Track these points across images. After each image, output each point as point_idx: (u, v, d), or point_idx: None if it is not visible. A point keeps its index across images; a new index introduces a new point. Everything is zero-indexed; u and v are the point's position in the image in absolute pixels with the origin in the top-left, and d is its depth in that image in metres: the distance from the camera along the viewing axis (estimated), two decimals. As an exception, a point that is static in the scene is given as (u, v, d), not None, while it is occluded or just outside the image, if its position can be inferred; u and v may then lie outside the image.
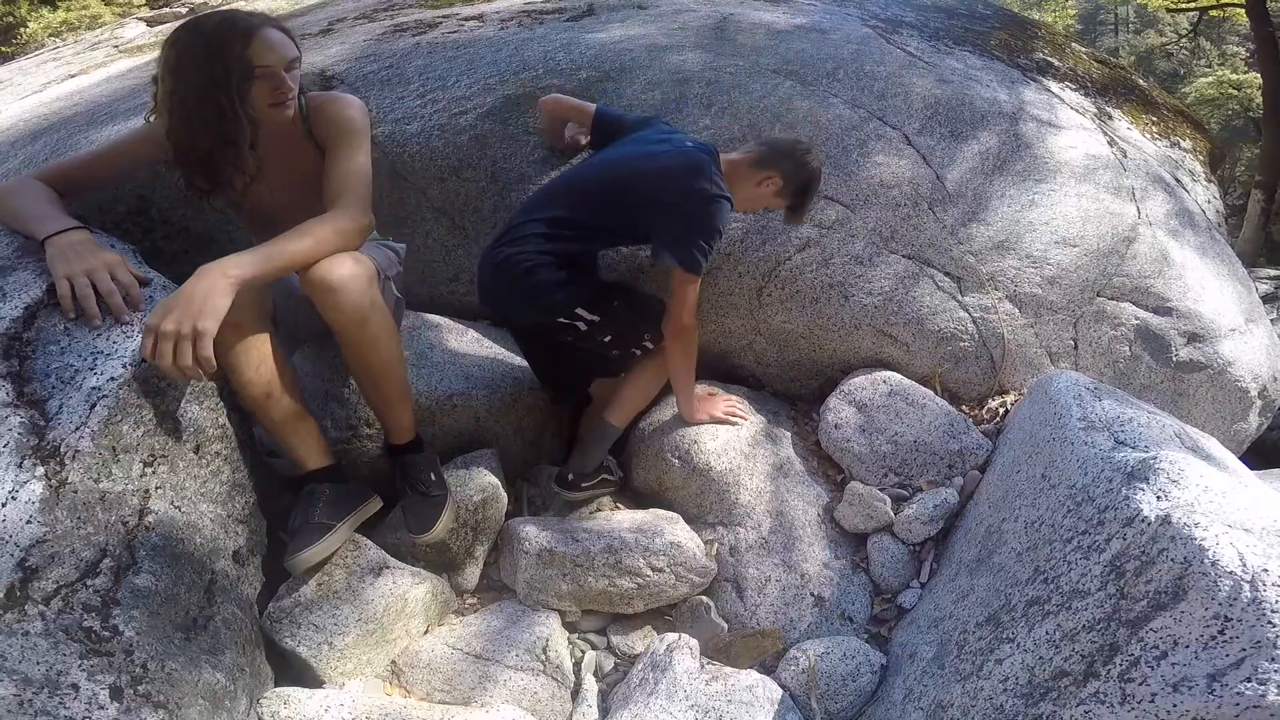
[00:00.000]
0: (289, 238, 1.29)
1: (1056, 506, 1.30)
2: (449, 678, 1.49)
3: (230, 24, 1.34)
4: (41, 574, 1.05)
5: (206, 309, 1.16)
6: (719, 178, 1.66)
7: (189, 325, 1.14)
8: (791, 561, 1.70)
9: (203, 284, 1.18)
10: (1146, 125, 2.91)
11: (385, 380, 1.47)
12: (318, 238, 1.31)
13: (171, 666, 1.14)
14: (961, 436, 1.81)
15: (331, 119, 1.46)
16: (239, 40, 1.32)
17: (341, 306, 1.33)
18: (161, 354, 1.13)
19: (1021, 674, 1.17)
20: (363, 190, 1.41)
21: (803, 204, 1.80)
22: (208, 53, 1.32)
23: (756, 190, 1.76)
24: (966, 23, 3.07)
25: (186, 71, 1.33)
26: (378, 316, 1.39)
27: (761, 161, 1.74)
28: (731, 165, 1.74)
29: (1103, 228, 2.16)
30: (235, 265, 1.22)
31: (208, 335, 1.15)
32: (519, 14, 2.67)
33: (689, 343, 1.73)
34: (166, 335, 1.13)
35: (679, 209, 1.63)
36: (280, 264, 1.27)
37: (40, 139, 2.26)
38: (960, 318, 2.01)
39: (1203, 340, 2.18)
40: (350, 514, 1.48)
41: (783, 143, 1.80)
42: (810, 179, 1.77)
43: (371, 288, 1.36)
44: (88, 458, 1.14)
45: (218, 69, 1.32)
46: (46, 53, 5.32)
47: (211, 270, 1.20)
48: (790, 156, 1.75)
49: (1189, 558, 1.01)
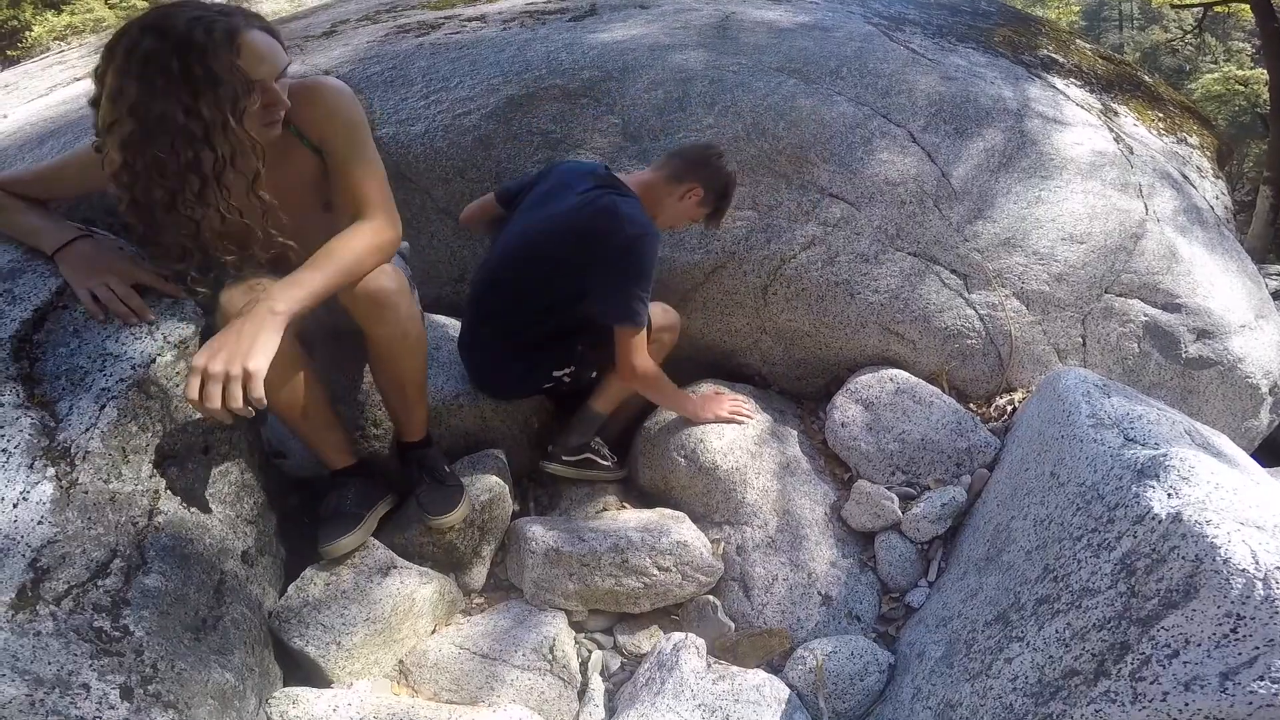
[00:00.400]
0: (328, 260, 1.18)
1: (1066, 504, 1.29)
2: (456, 677, 1.49)
3: (207, 26, 1.05)
4: (52, 574, 1.06)
5: (256, 348, 1.07)
6: (629, 207, 1.58)
7: (239, 366, 1.05)
8: (799, 560, 1.70)
9: (251, 322, 1.09)
10: (1153, 121, 2.89)
11: (412, 386, 1.49)
12: (358, 256, 1.22)
13: (181, 666, 1.14)
14: (969, 434, 1.80)
15: (325, 115, 1.26)
16: (226, 47, 1.06)
17: (388, 320, 1.32)
18: (209, 396, 1.04)
19: (1031, 673, 1.17)
20: (387, 194, 1.30)
21: (723, 209, 1.77)
22: (184, 64, 1.04)
23: (680, 205, 1.72)
24: (969, 19, 3.06)
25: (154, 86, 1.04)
26: (416, 328, 1.41)
27: (679, 175, 1.70)
28: (646, 186, 1.70)
29: (1110, 224, 2.15)
30: (282, 300, 1.12)
31: (259, 376, 1.07)
32: (521, 14, 2.68)
33: (651, 384, 1.70)
34: (215, 377, 1.05)
35: (600, 264, 1.56)
36: (331, 287, 1.18)
37: (46, 143, 2.28)
38: (967, 315, 2.01)
39: (1212, 337, 2.16)
40: (376, 505, 1.54)
41: (694, 151, 1.75)
42: (728, 182, 1.74)
43: (412, 301, 1.37)
44: (98, 459, 1.15)
45: (201, 85, 1.05)
46: (51, 56, 5.35)
47: (258, 308, 1.10)
48: (706, 164, 1.71)
49: (1200, 555, 1.01)
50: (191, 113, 1.06)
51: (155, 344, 1.25)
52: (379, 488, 1.58)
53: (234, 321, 1.11)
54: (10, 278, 1.25)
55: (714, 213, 1.77)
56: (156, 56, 1.04)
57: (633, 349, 1.61)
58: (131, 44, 1.05)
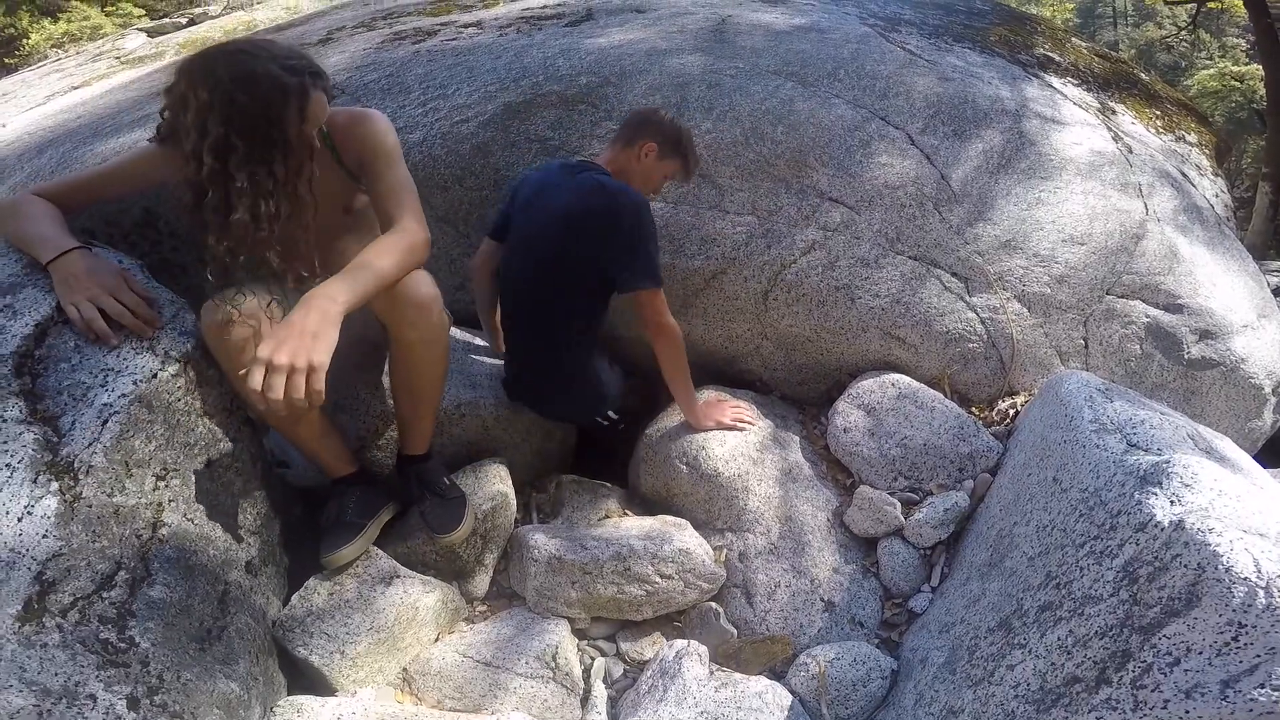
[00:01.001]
0: (373, 260, 1.23)
1: (1068, 510, 1.29)
2: (459, 685, 1.49)
3: (283, 91, 1.23)
4: (58, 587, 1.07)
5: (320, 341, 1.10)
6: (613, 180, 1.70)
7: (304, 358, 1.08)
8: (801, 566, 1.70)
9: (313, 315, 1.12)
10: (1150, 119, 2.89)
11: (426, 395, 1.50)
12: (398, 255, 1.26)
13: (187, 676, 1.15)
14: (971, 439, 1.80)
15: (363, 140, 1.39)
16: (298, 117, 1.24)
17: (420, 324, 1.35)
18: (271, 386, 1.07)
19: (1033, 680, 1.17)
20: (417, 203, 1.37)
21: (688, 158, 1.82)
22: (264, 121, 1.23)
23: (642, 165, 1.77)
24: (965, 19, 3.06)
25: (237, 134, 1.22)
26: (444, 337, 1.44)
27: (629, 139, 1.78)
28: (611, 161, 1.78)
29: (1110, 225, 2.14)
30: (341, 292, 1.15)
31: (322, 369, 1.10)
32: (517, 20, 2.68)
33: (674, 339, 1.72)
34: (279, 368, 1.07)
35: (611, 238, 1.64)
36: (375, 287, 1.22)
37: (46, 152, 2.28)
38: (968, 318, 2.01)
39: (1214, 337, 2.16)
40: (378, 514, 1.56)
41: (635, 115, 1.84)
42: (678, 129, 1.80)
43: (444, 308, 1.40)
44: (101, 473, 1.16)
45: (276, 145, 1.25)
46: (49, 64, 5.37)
47: (318, 300, 1.13)
48: (650, 121, 1.79)
49: (1202, 564, 1.01)
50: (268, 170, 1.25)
51: (157, 359, 1.26)
52: (380, 496, 1.58)
53: (294, 314, 1.12)
54: (11, 292, 1.25)
55: (682, 164, 1.82)
56: (245, 114, 1.21)
57: (660, 308, 1.68)
58: (222, 92, 1.21)
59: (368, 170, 1.39)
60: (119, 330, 1.24)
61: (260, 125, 1.23)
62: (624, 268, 1.64)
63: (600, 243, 1.65)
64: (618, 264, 1.65)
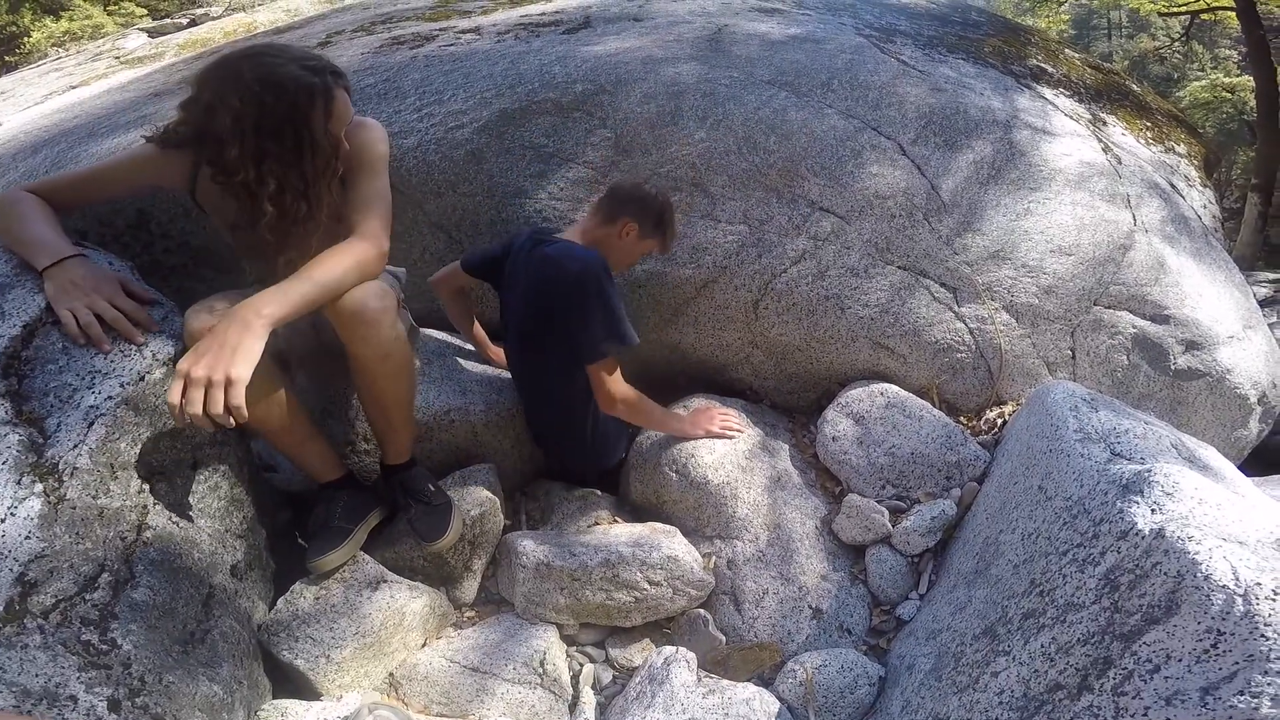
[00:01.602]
0: (314, 270, 1.22)
1: (1053, 519, 1.30)
2: (446, 690, 1.49)
3: (310, 91, 1.25)
4: (40, 588, 1.07)
5: (240, 355, 1.09)
6: (560, 249, 1.66)
7: (221, 372, 1.07)
8: (789, 574, 1.70)
9: (234, 328, 1.11)
10: (1141, 131, 2.92)
11: (395, 409, 1.48)
12: (344, 267, 1.25)
13: (169, 679, 1.15)
14: (959, 448, 1.81)
15: (356, 147, 1.39)
16: (324, 115, 1.27)
17: (370, 340, 1.32)
18: (191, 401, 1.06)
19: (1017, 687, 1.17)
20: (384, 214, 1.36)
21: (665, 235, 1.81)
22: (294, 125, 1.25)
23: (621, 243, 1.76)
24: (960, 30, 3.09)
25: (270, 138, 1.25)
26: (400, 350, 1.39)
27: (611, 216, 1.75)
28: (587, 232, 1.76)
29: (1098, 236, 2.16)
30: (267, 305, 1.14)
31: (241, 383, 1.08)
32: (516, 26, 2.69)
33: (632, 409, 1.73)
34: (197, 381, 1.07)
35: (561, 312, 1.63)
36: (312, 300, 1.21)
37: (41, 151, 2.28)
38: (957, 329, 2.02)
39: (1201, 348, 2.18)
40: (365, 518, 1.54)
41: (620, 189, 1.80)
42: (661, 209, 1.77)
43: (397, 322, 1.36)
44: (86, 475, 1.15)
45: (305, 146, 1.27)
46: (49, 63, 5.37)
47: (242, 312, 1.13)
48: (633, 198, 1.75)
49: (1182, 571, 1.01)
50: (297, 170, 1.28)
51: (144, 361, 1.25)
52: (368, 501, 1.57)
53: (217, 327, 1.12)
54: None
55: (661, 242, 1.82)
56: (274, 116, 1.23)
57: (606, 380, 1.67)
58: (252, 97, 1.22)
59: (348, 176, 1.39)
60: (112, 335, 1.24)
61: (289, 126, 1.24)
62: (577, 343, 1.64)
63: (556, 318, 1.65)
64: (572, 339, 1.64)
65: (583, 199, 2.06)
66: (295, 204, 1.30)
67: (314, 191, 1.31)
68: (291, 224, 1.32)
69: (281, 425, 1.39)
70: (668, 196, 1.81)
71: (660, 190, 1.80)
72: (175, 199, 1.92)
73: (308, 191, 1.30)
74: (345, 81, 1.33)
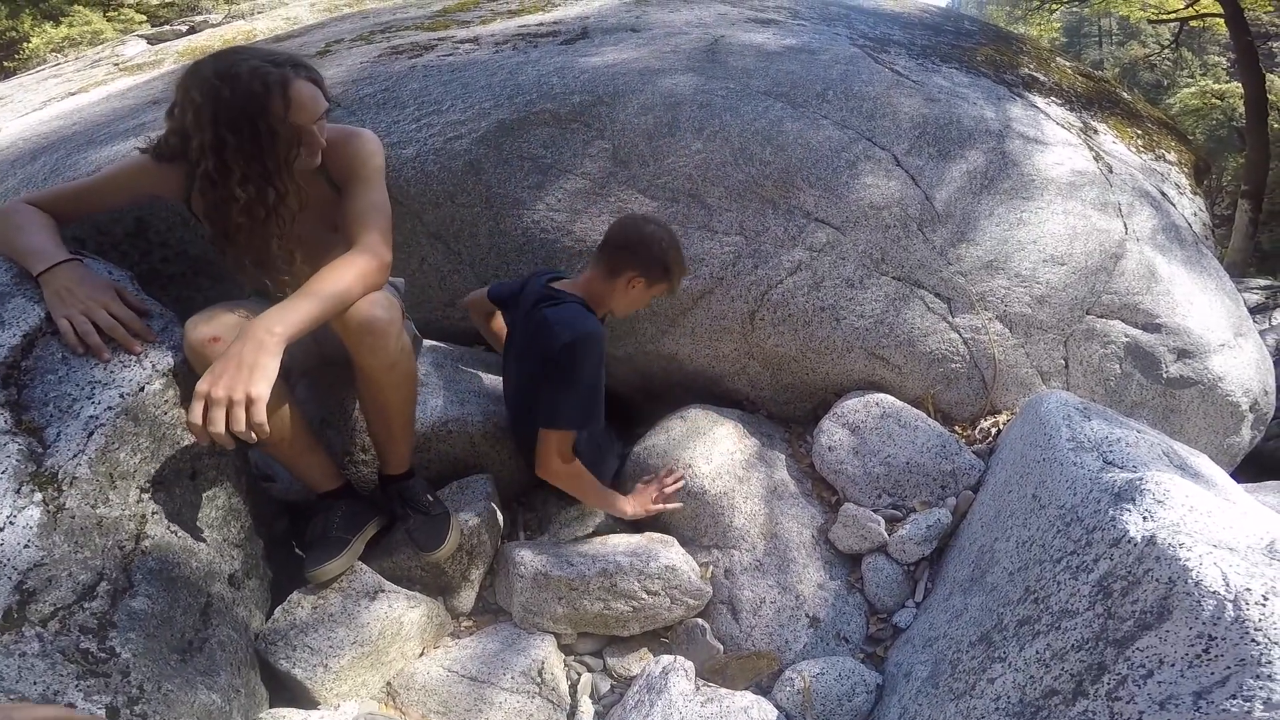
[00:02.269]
0: (320, 285, 1.23)
1: (1047, 527, 1.32)
2: (445, 700, 1.49)
3: (264, 80, 1.24)
4: (39, 597, 1.07)
5: (258, 373, 1.10)
6: (560, 314, 1.60)
7: (241, 391, 1.08)
8: (786, 583, 1.71)
9: (249, 347, 1.12)
10: (1131, 139, 2.95)
11: (397, 418, 1.49)
12: (348, 281, 1.26)
13: (167, 687, 1.15)
14: (954, 457, 1.82)
15: (350, 157, 1.41)
16: (280, 100, 1.25)
17: (377, 351, 1.33)
18: (213, 420, 1.08)
19: (1013, 693, 1.18)
20: (384, 225, 1.37)
21: (673, 280, 1.73)
22: (248, 113, 1.24)
23: (628, 295, 1.71)
24: (953, 39, 3.12)
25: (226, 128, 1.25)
26: (405, 361, 1.41)
27: (614, 269, 1.67)
28: (588, 286, 1.70)
29: (1090, 245, 2.18)
30: (279, 322, 1.15)
31: (261, 401, 1.09)
32: (514, 36, 2.71)
33: (565, 482, 1.69)
34: (218, 401, 1.08)
35: (540, 375, 1.61)
36: (321, 315, 1.22)
37: (39, 159, 2.28)
38: (951, 339, 2.04)
39: (1192, 356, 2.20)
40: (363, 529, 1.55)
41: (619, 237, 1.69)
42: (664, 256, 1.68)
43: (403, 332, 1.38)
44: (85, 484, 1.16)
45: (263, 134, 1.26)
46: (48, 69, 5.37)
47: (255, 330, 1.13)
48: (635, 250, 1.66)
49: (1173, 578, 1.03)
50: (258, 161, 1.28)
51: (145, 371, 1.26)
52: (366, 511, 1.58)
53: (231, 347, 1.13)
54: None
55: (669, 285, 1.74)
56: (229, 107, 1.24)
57: (551, 449, 1.62)
58: (209, 89, 1.24)
59: (346, 187, 1.41)
60: (110, 344, 1.25)
61: (245, 117, 1.24)
62: (540, 403, 1.61)
63: (537, 379, 1.63)
64: (540, 397, 1.61)
65: (580, 210, 2.07)
66: (262, 191, 1.30)
67: (280, 180, 1.30)
68: (265, 213, 1.32)
69: (282, 437, 1.40)
70: (672, 237, 1.71)
71: (662, 232, 1.70)
72: (173, 208, 1.93)
73: (273, 180, 1.30)
74: (312, 74, 1.33)
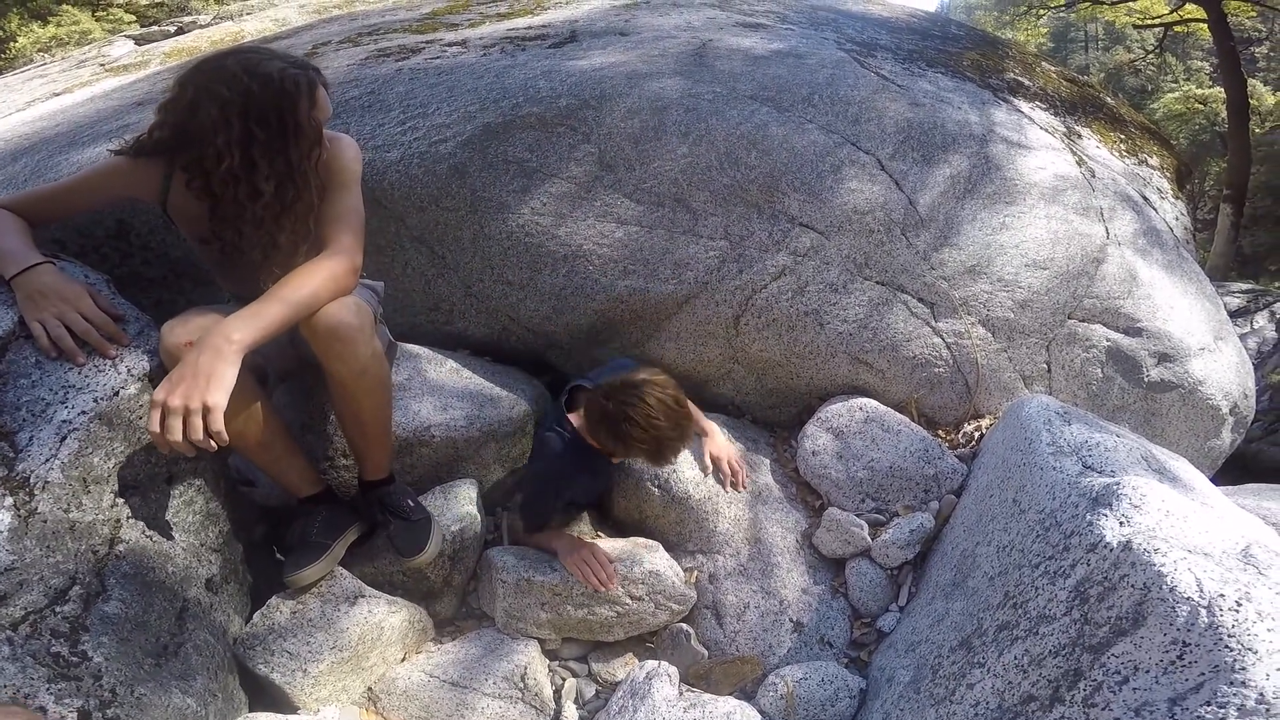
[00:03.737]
0: (285, 289, 1.22)
1: (1026, 531, 1.32)
2: (426, 705, 1.48)
3: (294, 80, 1.28)
4: (9, 600, 1.06)
5: (214, 382, 1.10)
6: (545, 443, 1.73)
7: (198, 400, 1.08)
8: (770, 588, 1.71)
9: (206, 355, 1.11)
10: (1114, 143, 2.97)
11: (372, 425, 1.47)
12: (316, 284, 1.25)
13: (141, 691, 1.14)
14: (936, 462, 1.83)
15: (328, 162, 1.40)
16: (307, 100, 1.29)
17: (345, 357, 1.31)
18: (170, 429, 1.08)
19: (991, 699, 1.19)
20: (357, 228, 1.37)
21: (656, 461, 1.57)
22: (279, 111, 1.27)
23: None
24: (939, 44, 3.13)
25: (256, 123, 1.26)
26: (376, 366, 1.39)
27: (593, 434, 1.61)
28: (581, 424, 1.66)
29: (1072, 249, 2.20)
30: (238, 330, 1.15)
31: (218, 409, 1.09)
32: (502, 40, 2.70)
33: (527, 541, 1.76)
34: (174, 410, 1.07)
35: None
36: (285, 320, 1.21)
37: (21, 159, 2.26)
38: (934, 343, 2.04)
39: (1173, 360, 2.22)
40: (343, 534, 1.54)
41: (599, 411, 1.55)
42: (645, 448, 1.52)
43: (373, 338, 1.36)
44: (57, 489, 1.15)
45: (290, 131, 1.29)
46: (33, 69, 5.31)
47: (213, 338, 1.13)
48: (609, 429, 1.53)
49: (1148, 584, 1.03)
50: (283, 156, 1.30)
51: (119, 376, 1.25)
52: (346, 516, 1.56)
53: (189, 354, 1.12)
54: (-28, 308, 1.24)
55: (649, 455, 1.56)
56: (261, 105, 1.26)
57: (516, 526, 1.80)
58: (240, 87, 1.25)
59: (323, 192, 1.40)
60: (84, 348, 1.23)
61: (275, 114, 1.27)
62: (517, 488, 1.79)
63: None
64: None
65: (565, 214, 2.07)
66: (283, 187, 1.32)
67: (300, 176, 1.33)
68: (279, 209, 1.33)
69: (259, 441, 1.38)
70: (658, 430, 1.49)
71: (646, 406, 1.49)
72: (155, 210, 1.91)
73: (294, 176, 1.32)
74: (325, 80, 1.38)
